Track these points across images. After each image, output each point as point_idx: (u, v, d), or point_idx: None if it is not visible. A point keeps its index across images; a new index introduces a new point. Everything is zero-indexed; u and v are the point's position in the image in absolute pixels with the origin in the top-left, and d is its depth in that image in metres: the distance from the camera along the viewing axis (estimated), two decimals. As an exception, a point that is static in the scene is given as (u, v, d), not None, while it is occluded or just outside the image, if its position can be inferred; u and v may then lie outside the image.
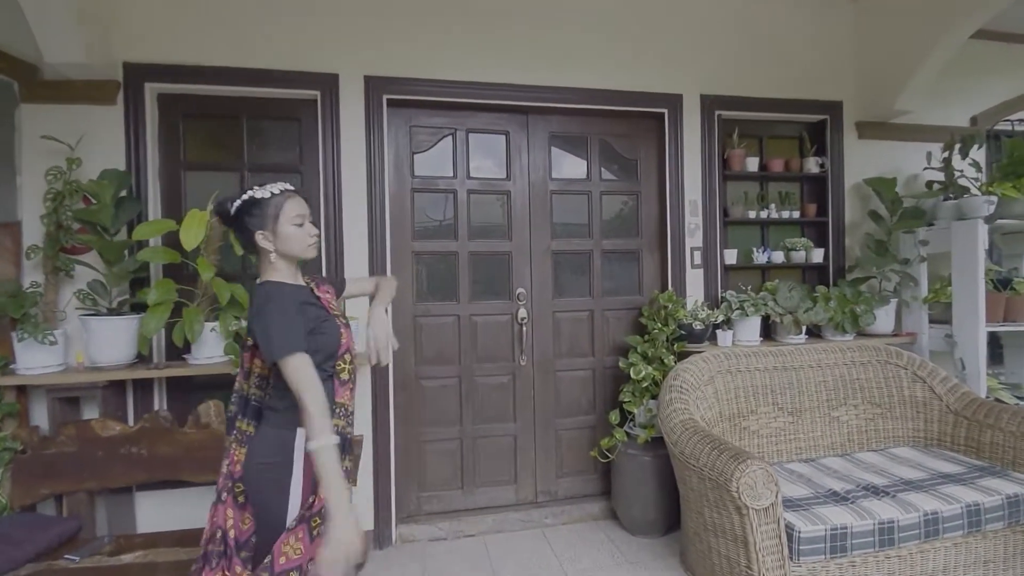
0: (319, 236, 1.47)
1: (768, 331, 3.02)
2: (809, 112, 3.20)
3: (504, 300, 2.91)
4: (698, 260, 3.01)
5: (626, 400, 2.70)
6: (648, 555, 2.53)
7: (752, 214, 3.12)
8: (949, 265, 2.89)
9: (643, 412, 2.66)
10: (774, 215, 3.16)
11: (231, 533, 1.35)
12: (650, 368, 2.66)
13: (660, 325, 2.75)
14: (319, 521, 1.31)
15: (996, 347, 3.36)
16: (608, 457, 2.78)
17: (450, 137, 2.85)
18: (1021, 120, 3.57)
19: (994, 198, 2.74)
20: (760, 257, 3.11)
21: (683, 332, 2.73)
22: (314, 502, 1.31)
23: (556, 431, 2.96)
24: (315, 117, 2.60)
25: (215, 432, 2.18)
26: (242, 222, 1.37)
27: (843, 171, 3.23)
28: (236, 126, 2.63)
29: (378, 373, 2.59)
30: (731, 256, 3.07)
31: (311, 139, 2.62)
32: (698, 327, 2.71)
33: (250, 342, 1.42)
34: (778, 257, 3.13)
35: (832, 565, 1.93)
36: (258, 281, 1.40)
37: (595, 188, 3.03)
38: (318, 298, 1.45)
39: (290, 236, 1.38)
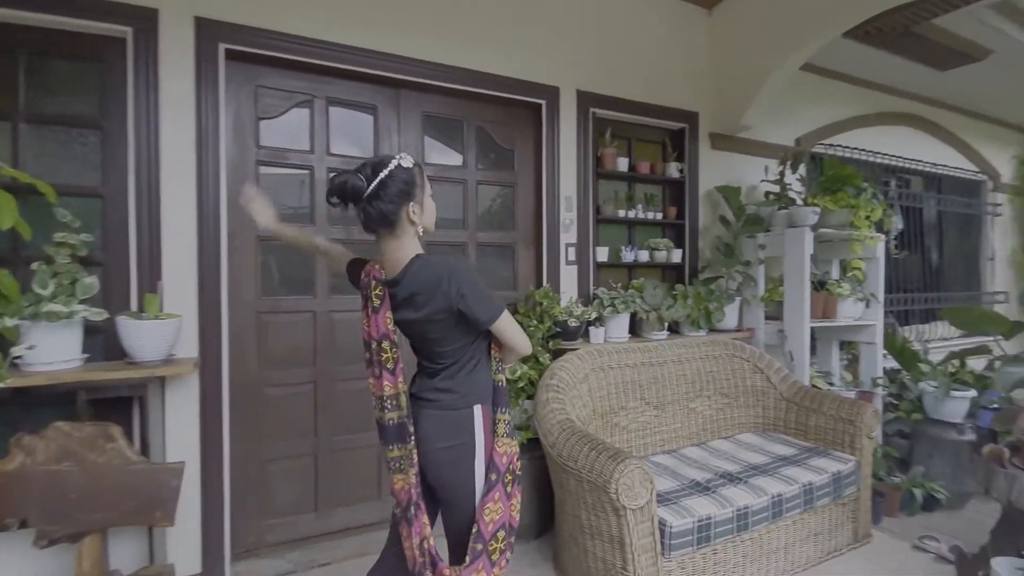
0: None
1: (634, 328, 3.12)
2: (671, 119, 3.37)
3: (369, 295, 2.61)
4: (572, 256, 2.99)
5: (501, 401, 2.58)
6: (522, 561, 2.43)
7: (621, 213, 3.20)
8: (781, 267, 3.24)
9: (519, 413, 2.56)
10: (640, 215, 3.27)
11: (430, 541, 1.35)
12: (526, 367, 2.56)
13: (536, 322, 2.67)
14: (510, 477, 1.38)
15: (813, 340, 3.88)
16: (481, 462, 2.63)
17: (307, 105, 2.47)
18: (832, 144, 4.17)
19: (817, 209, 3.12)
20: (628, 255, 3.20)
21: (559, 329, 2.69)
22: (500, 461, 1.36)
23: (425, 437, 2.74)
24: (124, 60, 2.04)
25: (-44, 472, 1.59)
26: (389, 193, 1.27)
27: (698, 177, 3.47)
28: (11, 62, 1.97)
29: (208, 382, 2.13)
30: (603, 254, 3.12)
31: (118, 87, 2.05)
32: (573, 324, 2.68)
33: (395, 337, 1.36)
34: (643, 256, 3.26)
35: (698, 556, 1.99)
36: (416, 255, 1.32)
37: (471, 177, 2.86)
38: None
39: (430, 209, 1.38)
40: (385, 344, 1.34)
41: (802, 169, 3.42)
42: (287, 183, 2.48)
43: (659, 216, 3.36)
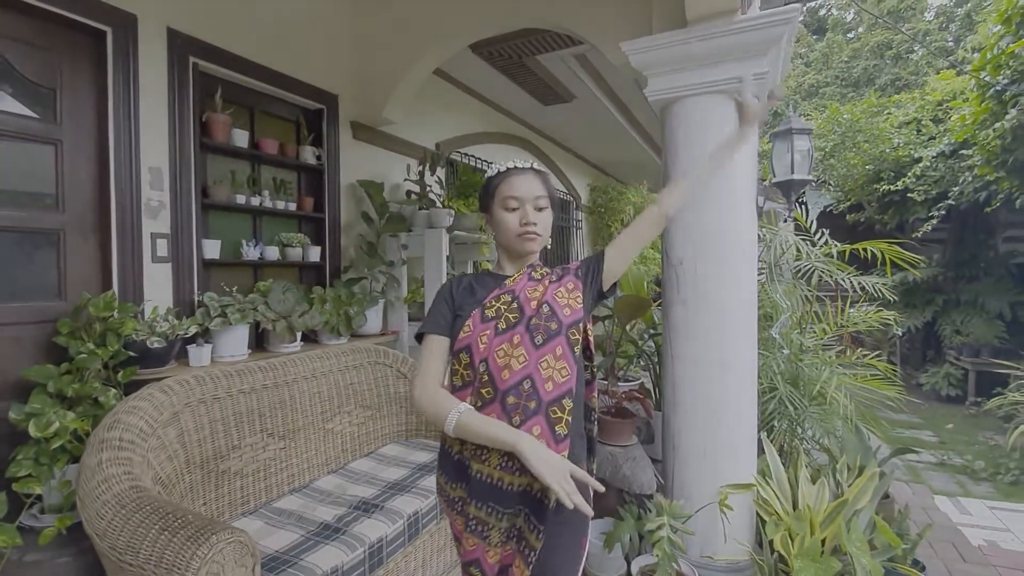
0: (537, 226, 1.17)
1: (260, 340, 2.56)
2: (306, 97, 2.93)
3: None
4: (163, 251, 2.22)
5: (21, 474, 1.65)
6: None
7: (242, 199, 2.58)
8: (423, 268, 3.22)
9: (55, 490, 1.68)
10: (268, 204, 2.72)
11: None
12: (71, 415, 1.71)
13: (93, 345, 1.83)
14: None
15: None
16: (-19, 578, 1.63)
17: None
18: (465, 153, 4.49)
19: (452, 211, 3.22)
20: (251, 252, 2.62)
21: (134, 354, 1.91)
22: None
23: None
24: None
25: None
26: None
27: (339, 168, 3.14)
28: None
29: None
30: (213, 249, 2.44)
31: None
32: (156, 345, 1.95)
33: None
34: (272, 253, 2.72)
35: (323, 620, 1.63)
36: None
37: (-41, 118, 1.77)
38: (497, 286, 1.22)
39: (499, 222, 1.20)
40: None
41: (440, 172, 3.50)
42: None
43: (293, 207, 2.88)
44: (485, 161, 4.79)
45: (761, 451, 2.18)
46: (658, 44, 2.01)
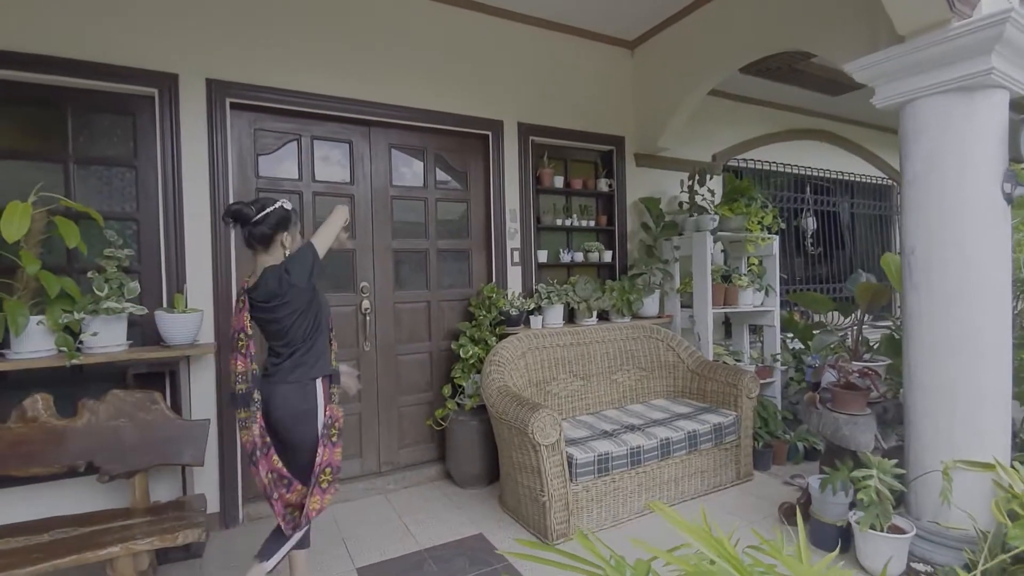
0: None
1: (571, 316, 3.77)
2: (601, 143, 4.04)
3: (349, 293, 3.22)
4: (517, 259, 3.64)
5: (457, 376, 3.21)
6: (475, 501, 3.07)
7: (559, 222, 3.86)
8: (692, 264, 3.92)
9: (470, 384, 3.19)
10: (576, 223, 3.93)
11: (285, 470, 1.86)
12: (476, 348, 3.20)
13: (485, 312, 3.31)
14: (335, 431, 1.92)
15: (729, 325, 4.58)
16: (442, 425, 3.26)
17: (295, 142, 3.07)
18: (743, 158, 4.87)
19: (717, 216, 3.81)
20: (565, 257, 3.86)
21: (503, 318, 3.33)
22: (328, 421, 1.91)
23: (398, 408, 3.36)
24: (152, 113, 2.63)
25: (44, 425, 2.17)
26: (268, 222, 1.81)
27: (625, 191, 4.14)
28: (59, 116, 2.54)
29: (223, 360, 2.73)
30: (543, 256, 3.77)
31: (147, 135, 2.64)
32: (515, 313, 3.32)
33: (250, 331, 1.85)
34: (579, 257, 3.92)
35: (599, 482, 2.64)
36: (268, 266, 1.82)
37: (431, 195, 3.49)
38: None
39: (298, 241, 1.94)
40: (241, 335, 1.83)
41: (709, 181, 4.12)
42: (280, 204, 3.08)
43: (592, 224, 4.03)
44: (771, 162, 5.04)
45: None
46: (877, 61, 2.28)
